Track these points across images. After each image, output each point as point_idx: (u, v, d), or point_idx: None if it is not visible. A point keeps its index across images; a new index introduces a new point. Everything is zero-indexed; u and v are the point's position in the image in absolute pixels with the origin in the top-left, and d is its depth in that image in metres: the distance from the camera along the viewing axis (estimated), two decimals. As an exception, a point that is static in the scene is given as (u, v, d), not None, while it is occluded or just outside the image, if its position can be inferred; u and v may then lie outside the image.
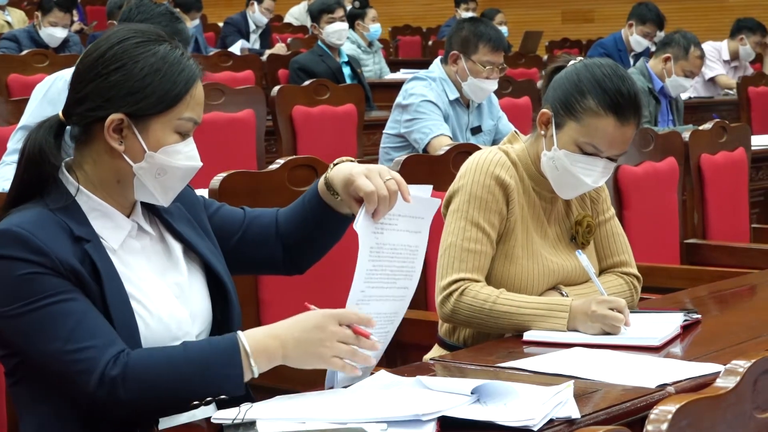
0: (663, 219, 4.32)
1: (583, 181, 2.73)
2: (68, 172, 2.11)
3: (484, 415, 1.94)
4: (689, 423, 1.48)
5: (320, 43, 7.84)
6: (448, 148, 3.58)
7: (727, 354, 2.37)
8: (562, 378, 2.20)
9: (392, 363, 3.24)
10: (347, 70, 7.74)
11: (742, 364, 1.58)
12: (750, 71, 8.70)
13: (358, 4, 9.22)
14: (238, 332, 2.06)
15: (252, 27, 10.73)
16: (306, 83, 6.13)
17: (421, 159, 3.62)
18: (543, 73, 7.90)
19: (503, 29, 9.66)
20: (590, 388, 2.17)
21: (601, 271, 2.90)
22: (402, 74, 8.68)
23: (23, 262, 1.99)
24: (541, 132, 2.77)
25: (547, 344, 2.55)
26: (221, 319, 2.24)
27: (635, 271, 2.92)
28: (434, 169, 3.46)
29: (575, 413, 1.98)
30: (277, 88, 5.88)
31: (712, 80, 8.67)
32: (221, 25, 11.22)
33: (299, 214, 2.35)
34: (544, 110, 2.77)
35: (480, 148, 3.22)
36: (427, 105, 5.11)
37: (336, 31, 7.79)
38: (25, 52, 7.13)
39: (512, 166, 2.78)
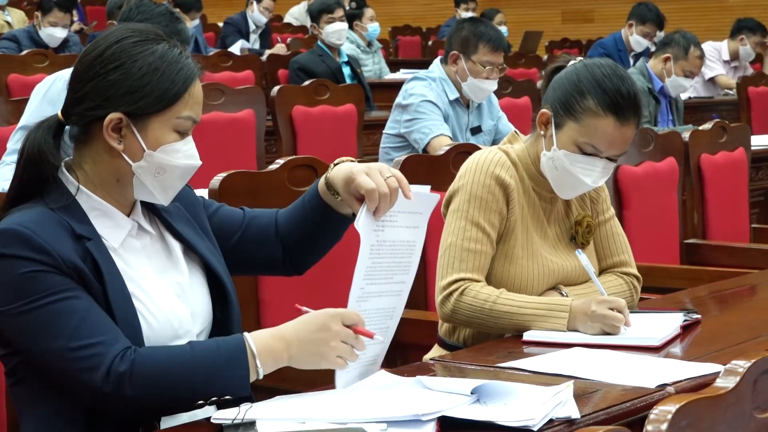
0: (663, 219, 4.32)
1: (582, 181, 2.72)
2: (68, 171, 2.11)
3: (484, 415, 1.94)
4: (689, 423, 1.48)
5: (320, 43, 7.84)
6: (448, 148, 3.58)
7: (727, 354, 2.37)
8: (562, 378, 2.20)
9: (392, 363, 3.23)
10: (347, 70, 7.74)
11: (742, 364, 1.57)
12: (750, 71, 8.70)
13: (354, 5, 9.22)
14: (244, 333, 2.07)
15: (252, 27, 10.72)
16: (306, 83, 6.13)
17: (421, 159, 3.62)
18: (543, 73, 7.89)
19: (503, 29, 9.66)
20: (590, 388, 2.17)
21: (601, 271, 2.90)
22: (402, 74, 8.67)
23: (25, 261, 1.99)
24: (541, 132, 2.77)
25: (547, 344, 2.55)
26: (221, 318, 2.24)
27: (635, 271, 2.92)
28: (434, 169, 3.45)
29: (575, 413, 1.98)
30: (277, 88, 5.87)
31: (712, 80, 8.67)
32: (221, 25, 11.21)
33: (299, 215, 2.34)
34: (543, 110, 2.77)
35: (480, 148, 3.22)
36: (427, 105, 5.11)
37: (336, 31, 7.78)
38: (25, 52, 7.12)
39: (512, 166, 2.78)
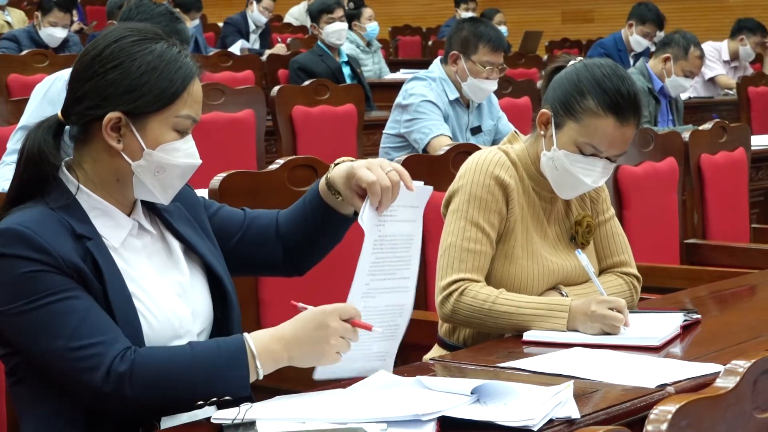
0: (663, 219, 4.32)
1: (582, 181, 2.72)
2: (68, 171, 2.11)
3: (484, 415, 1.94)
4: (689, 423, 1.48)
5: (320, 43, 7.84)
6: (447, 148, 3.58)
7: (727, 354, 2.37)
8: (562, 378, 2.20)
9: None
10: (347, 70, 7.74)
11: (742, 364, 1.57)
12: (750, 71, 8.70)
13: (352, 5, 9.21)
14: (244, 334, 2.07)
15: (252, 27, 10.72)
16: (306, 83, 6.12)
17: (421, 159, 3.62)
18: (543, 73, 7.89)
19: (502, 29, 9.66)
20: (590, 388, 2.17)
21: (601, 271, 2.90)
22: (402, 74, 8.67)
23: (26, 261, 1.99)
24: (541, 132, 2.77)
25: (547, 344, 2.54)
26: (221, 318, 2.24)
27: (635, 271, 2.92)
28: (434, 169, 3.45)
29: (575, 413, 1.98)
30: (276, 88, 5.87)
31: (712, 80, 8.67)
32: (221, 25, 11.21)
33: (300, 215, 2.34)
34: (543, 110, 2.77)
35: (480, 148, 3.22)
36: (427, 105, 5.11)
37: (335, 31, 7.78)
38: (25, 52, 7.12)
39: (512, 166, 2.78)
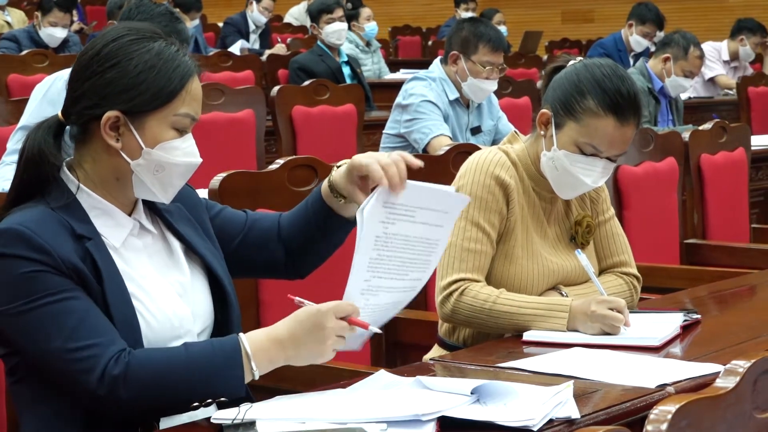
0: (663, 219, 4.32)
1: (582, 181, 2.72)
2: (69, 171, 2.11)
3: (484, 415, 1.94)
4: (689, 423, 1.48)
5: (320, 43, 7.84)
6: (447, 148, 3.58)
7: (727, 354, 2.37)
8: (562, 378, 2.20)
9: (392, 363, 3.24)
10: (347, 70, 7.74)
11: (742, 364, 1.57)
12: (750, 71, 8.70)
13: (350, 6, 9.22)
14: (239, 334, 2.07)
15: (252, 27, 10.72)
16: (306, 83, 6.12)
17: (421, 159, 3.60)
18: (543, 73, 7.89)
19: (502, 29, 9.66)
20: (590, 388, 2.17)
21: (601, 271, 2.90)
22: (402, 74, 8.67)
23: (25, 261, 1.99)
24: (541, 132, 2.77)
25: (547, 344, 2.54)
26: (221, 319, 2.24)
27: (635, 271, 2.92)
28: (434, 169, 3.45)
29: (575, 413, 1.98)
30: (276, 88, 5.87)
31: (712, 80, 8.67)
32: (221, 25, 11.21)
33: (302, 218, 2.34)
34: (543, 110, 2.77)
35: (480, 148, 3.22)
36: (426, 105, 5.11)
37: (335, 31, 7.78)
38: (24, 52, 7.11)
39: (512, 166, 2.78)
